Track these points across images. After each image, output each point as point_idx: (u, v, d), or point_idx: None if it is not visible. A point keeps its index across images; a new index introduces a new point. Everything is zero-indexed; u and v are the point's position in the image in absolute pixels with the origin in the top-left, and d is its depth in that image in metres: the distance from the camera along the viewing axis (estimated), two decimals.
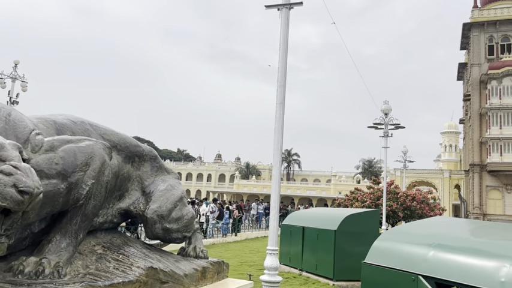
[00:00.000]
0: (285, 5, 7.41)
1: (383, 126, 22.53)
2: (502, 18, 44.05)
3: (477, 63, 45.09)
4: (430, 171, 53.73)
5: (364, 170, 79.69)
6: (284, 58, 7.39)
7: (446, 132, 72.11)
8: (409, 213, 24.98)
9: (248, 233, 21.92)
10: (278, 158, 7.18)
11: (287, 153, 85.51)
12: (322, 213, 12.61)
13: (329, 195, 63.54)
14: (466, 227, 4.86)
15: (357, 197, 26.48)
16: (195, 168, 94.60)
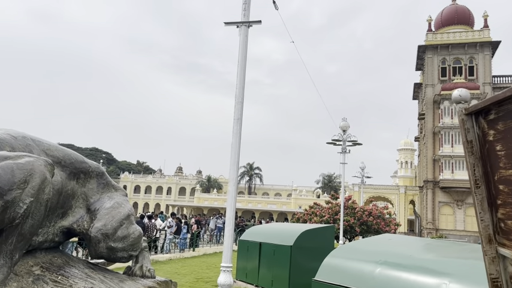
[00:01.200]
0: (244, 23, 7.49)
1: (341, 143, 23.10)
2: (454, 42, 46.46)
3: (431, 84, 47.18)
4: (386, 187, 55.29)
5: (324, 185, 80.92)
6: (242, 75, 7.45)
7: (402, 149, 74.64)
8: (365, 228, 25.52)
9: (206, 248, 21.64)
10: (234, 174, 7.17)
11: (249, 167, 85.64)
12: (279, 228, 12.65)
13: (289, 210, 63.97)
14: (411, 244, 5.01)
15: (315, 212, 26.82)
16: (154, 181, 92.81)
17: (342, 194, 24.10)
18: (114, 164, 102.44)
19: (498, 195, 2.26)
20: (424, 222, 45.30)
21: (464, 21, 47.72)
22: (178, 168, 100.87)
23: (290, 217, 55.22)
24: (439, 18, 48.88)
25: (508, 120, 1.98)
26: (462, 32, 46.87)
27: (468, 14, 48.23)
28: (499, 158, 2.16)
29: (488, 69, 45.00)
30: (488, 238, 2.36)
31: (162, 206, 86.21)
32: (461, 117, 2.42)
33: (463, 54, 46.33)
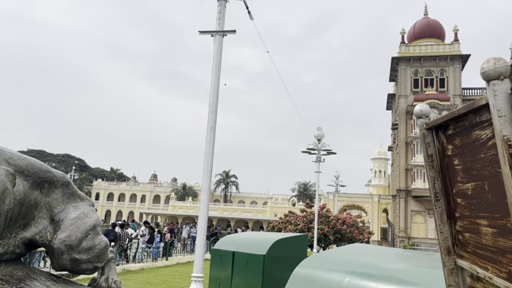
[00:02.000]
0: (219, 32, 7.51)
1: (316, 152, 23.33)
2: (426, 54, 47.77)
3: (404, 95, 48.27)
4: (360, 196, 56.00)
5: (299, 193, 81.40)
6: (216, 83, 7.45)
7: (376, 159, 75.89)
8: (339, 237, 25.78)
9: (180, 257, 21.37)
10: (207, 183, 7.13)
11: (225, 175, 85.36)
12: (253, 237, 12.62)
13: (265, 218, 63.95)
14: (380, 254, 5.08)
15: (290, 220, 26.93)
16: (128, 188, 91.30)
17: (317, 202, 24.29)
18: (87, 171, 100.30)
19: (456, 208, 2.32)
20: (396, 231, 46.04)
21: (435, 34, 49.18)
22: (153, 175, 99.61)
23: (266, 225, 55.20)
24: (411, 31, 50.20)
25: (464, 136, 2.05)
26: (434, 45, 48.26)
27: (439, 28, 49.73)
28: (456, 172, 2.23)
29: (458, 81, 46.41)
30: (447, 250, 2.42)
31: (136, 214, 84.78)
32: (422, 132, 2.48)
33: (434, 67, 47.66)
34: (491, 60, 1.49)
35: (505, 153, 1.46)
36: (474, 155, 1.95)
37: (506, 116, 1.46)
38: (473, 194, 2.05)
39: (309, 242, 24.40)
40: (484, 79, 1.54)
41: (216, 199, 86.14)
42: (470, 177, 2.05)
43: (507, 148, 1.46)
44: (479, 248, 2.06)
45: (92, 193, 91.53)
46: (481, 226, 1.99)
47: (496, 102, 1.48)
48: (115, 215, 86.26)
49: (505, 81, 1.47)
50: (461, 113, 1.94)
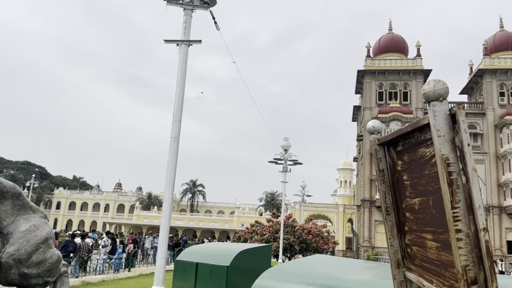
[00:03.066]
0: (184, 41, 7.48)
1: (282, 162, 23.50)
2: (390, 68, 49.26)
3: (369, 107, 49.49)
4: (326, 205, 56.69)
5: (267, 203, 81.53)
6: (181, 93, 7.39)
7: (342, 169, 77.20)
8: (305, 247, 25.91)
9: (143, 268, 20.90)
10: (170, 193, 7.04)
11: (192, 184, 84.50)
12: (217, 248, 12.52)
13: (232, 228, 63.63)
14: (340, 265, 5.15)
15: (256, 230, 26.86)
16: (91, 197, 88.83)
17: (283, 212, 24.40)
18: (48, 179, 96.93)
19: (405, 222, 2.39)
20: (361, 240, 46.81)
21: (399, 49, 50.82)
22: (117, 184, 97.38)
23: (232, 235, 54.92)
24: (376, 46, 51.67)
25: (411, 153, 2.11)
26: (397, 60, 49.84)
27: (403, 43, 51.44)
28: (405, 187, 2.30)
29: (421, 95, 47.99)
30: (397, 263, 2.48)
31: (99, 223, 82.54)
32: (374, 147, 2.55)
33: (398, 80, 49.15)
34: (431, 82, 1.56)
35: (443, 172, 1.52)
36: (420, 171, 2.02)
37: (445, 136, 1.52)
38: (419, 209, 2.12)
39: (275, 252, 24.42)
40: (425, 100, 1.60)
41: (183, 208, 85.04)
42: (417, 193, 2.12)
43: (445, 166, 1.51)
44: (425, 261, 2.13)
45: (53, 202, 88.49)
46: (427, 240, 2.06)
47: (436, 122, 1.54)
48: (77, 224, 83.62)
49: (444, 102, 1.53)
50: (408, 131, 2.01)
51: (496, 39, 48.77)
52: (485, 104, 46.18)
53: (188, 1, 7.46)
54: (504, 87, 46.37)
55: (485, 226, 1.44)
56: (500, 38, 48.58)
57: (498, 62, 46.92)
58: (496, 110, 45.51)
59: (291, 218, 28.68)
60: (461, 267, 1.49)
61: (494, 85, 46.49)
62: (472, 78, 50.54)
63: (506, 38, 48.32)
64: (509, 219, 42.74)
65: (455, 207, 1.51)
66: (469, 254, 1.49)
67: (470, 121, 46.13)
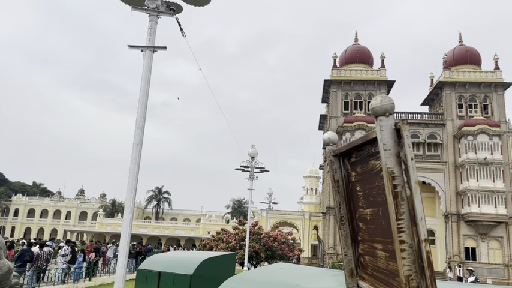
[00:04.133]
0: (149, 48, 7.41)
1: (249, 169, 23.54)
2: (356, 78, 50.44)
3: (335, 116, 50.42)
4: (292, 213, 57.09)
5: (233, 210, 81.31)
6: (144, 99, 7.30)
7: (308, 176, 78.03)
8: (270, 254, 25.97)
9: (104, 277, 20.34)
10: (131, 201, 6.91)
11: (157, 191, 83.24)
12: (180, 256, 12.36)
13: (198, 235, 63.00)
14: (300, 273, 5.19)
15: (222, 238, 26.70)
16: (52, 204, 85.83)
17: (249, 219, 24.40)
18: (6, 185, 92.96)
19: (359, 231, 2.45)
20: (326, 247, 47.36)
21: (364, 60, 52.14)
22: (80, 190, 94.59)
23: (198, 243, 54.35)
24: (343, 56, 52.81)
25: (364, 165, 2.18)
26: (363, 70, 51.10)
27: (368, 54, 52.82)
28: (358, 197, 2.36)
29: None
30: (350, 272, 2.54)
31: (60, 231, 79.86)
32: (330, 158, 2.61)
33: (363, 90, 50.36)
34: (378, 98, 1.62)
35: (389, 184, 1.58)
36: (371, 183, 2.08)
37: (390, 150, 1.58)
38: (371, 219, 2.18)
39: (240, 260, 24.34)
40: (373, 115, 1.66)
41: (148, 216, 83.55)
42: (369, 203, 2.19)
43: (391, 179, 1.57)
44: (376, 270, 2.19)
45: (11, 209, 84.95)
46: (377, 250, 2.12)
47: (382, 136, 1.59)
48: (36, 232, 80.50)
49: (390, 117, 1.60)
50: (360, 143, 2.07)
51: (455, 53, 50.89)
52: (445, 115, 47.98)
53: (154, 7, 7.40)
54: (462, 99, 48.35)
55: (426, 237, 1.50)
56: (459, 52, 50.72)
57: (457, 75, 48.94)
58: (455, 121, 47.37)
59: (257, 226, 28.71)
60: (405, 277, 1.55)
61: (453, 97, 48.42)
62: (432, 90, 52.45)
63: (464, 52, 50.50)
64: (467, 226, 44.38)
65: (400, 219, 1.57)
66: (412, 264, 1.54)
67: (431, 131, 47.76)
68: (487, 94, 47.93)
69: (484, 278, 40.99)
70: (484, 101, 47.96)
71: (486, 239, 43.89)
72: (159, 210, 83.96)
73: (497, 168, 44.10)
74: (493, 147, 44.48)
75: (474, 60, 50.10)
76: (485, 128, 44.61)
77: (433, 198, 47.58)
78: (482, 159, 43.90)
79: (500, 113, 47.11)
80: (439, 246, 45.94)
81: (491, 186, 43.56)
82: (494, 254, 43.62)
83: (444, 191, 45.73)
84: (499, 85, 47.60)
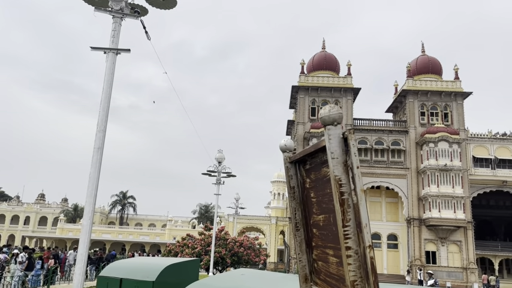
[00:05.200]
0: (112, 50, 7.28)
1: (216, 174, 23.42)
2: (323, 85, 51.24)
3: (302, 122, 51.00)
4: (259, 218, 57.17)
5: (200, 215, 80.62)
6: (106, 102, 7.16)
7: (275, 181, 78.39)
8: (236, 259, 25.90)
9: (64, 285, 19.68)
10: (91, 207, 6.74)
11: (122, 196, 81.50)
12: (143, 262, 12.12)
13: (164, 241, 62.02)
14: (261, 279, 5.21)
15: (187, 244, 26.44)
16: (10, 209, 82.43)
17: (215, 225, 24.25)
18: None
19: (313, 238, 2.49)
20: (292, 252, 47.66)
21: (331, 67, 53.08)
22: (40, 195, 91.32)
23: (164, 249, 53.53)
24: (310, 63, 53.58)
25: (317, 172, 2.21)
26: (330, 77, 51.98)
27: (335, 62, 53.82)
28: (313, 204, 2.39)
29: (350, 112, 50.38)
30: (304, 277, 2.57)
31: (18, 237, 76.78)
32: (286, 165, 2.64)
33: (329, 97, 51.18)
34: (327, 108, 1.65)
35: (336, 192, 1.62)
36: (323, 190, 2.12)
37: (338, 158, 1.62)
38: (323, 225, 2.22)
39: (206, 266, 24.15)
40: (322, 124, 1.69)
41: (111, 221, 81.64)
42: (322, 210, 2.22)
43: (338, 187, 1.61)
44: (328, 276, 2.22)
45: None
46: (329, 256, 2.15)
47: (330, 145, 1.63)
48: None
49: (338, 126, 1.64)
50: (312, 151, 2.11)
51: (418, 62, 52.63)
52: (408, 123, 49.44)
53: (118, 9, 7.28)
54: (424, 108, 50.00)
55: (370, 244, 1.54)
56: (421, 62, 52.50)
57: (420, 84, 50.58)
58: (418, 129, 48.88)
59: (224, 231, 28.60)
60: (350, 282, 1.58)
61: (416, 105, 49.99)
62: (396, 97, 53.97)
63: (427, 62, 52.32)
64: (428, 230, 45.77)
65: (346, 226, 1.60)
66: (357, 270, 1.58)
67: (395, 138, 49.07)
68: (448, 103, 49.77)
69: (444, 281, 42.39)
70: (445, 110, 49.76)
71: (446, 243, 45.39)
72: (124, 215, 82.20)
73: (456, 174, 45.77)
74: (453, 154, 46.16)
75: (436, 70, 51.98)
76: (445, 136, 46.25)
77: (396, 204, 48.83)
78: (442, 165, 45.46)
79: (460, 121, 48.99)
80: (401, 250, 47.13)
81: (450, 192, 45.15)
82: (453, 258, 45.14)
83: (407, 197, 47.03)
84: (459, 94, 49.52)
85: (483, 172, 47.82)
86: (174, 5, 7.84)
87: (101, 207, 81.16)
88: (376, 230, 47.74)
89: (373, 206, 49.02)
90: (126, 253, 56.27)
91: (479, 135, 49.33)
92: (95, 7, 7.27)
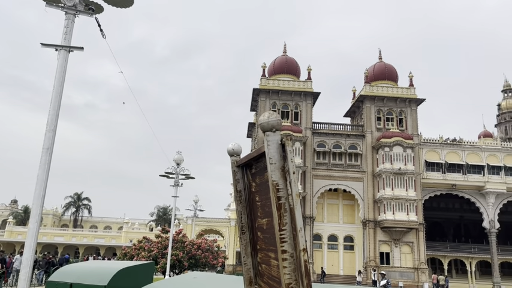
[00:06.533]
0: (64, 47, 7.05)
1: (174, 176, 23.13)
2: (283, 89, 51.81)
3: None
4: (218, 220, 56.97)
5: (158, 218, 79.35)
6: (57, 101, 6.91)
7: None
8: (194, 262, 25.66)
9: None
10: (38, 210, 6.48)
11: (76, 197, 78.86)
12: (95, 266, 11.76)
13: (120, 244, 60.49)
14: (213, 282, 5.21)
15: (144, 247, 25.94)
16: None
17: (172, 227, 23.95)
18: None
19: (257, 241, 2.52)
20: None
21: (292, 71, 53.77)
22: None
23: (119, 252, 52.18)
24: (271, 66, 54.06)
25: (261, 176, 2.25)
26: (290, 81, 52.64)
27: (296, 66, 54.57)
28: (257, 207, 2.43)
29: (310, 115, 51.23)
30: (249, 280, 2.60)
31: None
32: (233, 169, 2.66)
33: (289, 101, 51.84)
34: (266, 114, 1.69)
35: (273, 196, 1.65)
36: (266, 194, 2.16)
37: (276, 164, 1.66)
38: (266, 229, 2.25)
39: (163, 269, 23.77)
40: (261, 130, 1.73)
41: (65, 224, 78.82)
42: (265, 214, 2.26)
43: (275, 191, 1.65)
44: (270, 278, 2.26)
45: None
46: (271, 258, 2.19)
47: (269, 151, 1.67)
48: None
49: (276, 133, 1.67)
50: (255, 156, 2.14)
51: (375, 69, 54.33)
52: (365, 127, 50.88)
53: (71, 5, 7.07)
54: (381, 113, 51.64)
55: (304, 247, 1.59)
56: (378, 68, 54.23)
57: (376, 90, 52.20)
58: (374, 133, 50.40)
59: (181, 234, 28.26)
60: (285, 285, 1.62)
61: (373, 110, 51.55)
62: (354, 102, 55.43)
63: (383, 68, 54.09)
64: (382, 232, 47.22)
65: (282, 230, 1.64)
66: (292, 273, 1.62)
67: (352, 142, 50.35)
68: (403, 109, 51.65)
69: (396, 281, 43.85)
70: (400, 115, 51.59)
71: (399, 244, 47.01)
72: (78, 217, 79.55)
73: (409, 178, 47.53)
74: (407, 158, 47.92)
75: (392, 76, 53.84)
76: (400, 140, 47.95)
77: (353, 206, 50.06)
78: (397, 169, 47.09)
79: (414, 127, 50.95)
80: (357, 251, 48.34)
81: (404, 195, 46.83)
82: (405, 258, 46.81)
83: (363, 199, 48.32)
84: (413, 101, 51.51)
85: (434, 176, 49.93)
86: (131, 3, 7.70)
87: (54, 209, 78.15)
88: (333, 232, 48.75)
89: (330, 209, 50.06)
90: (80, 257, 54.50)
91: (431, 141, 51.50)
92: (46, 2, 7.02)
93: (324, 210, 49.72)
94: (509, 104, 78.37)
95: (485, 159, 50.75)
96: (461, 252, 51.65)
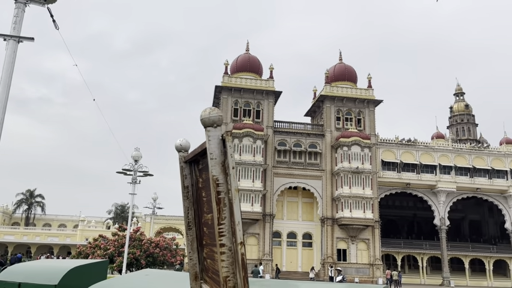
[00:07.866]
0: (13, 37, 6.77)
1: (132, 173, 22.69)
2: (246, 87, 51.91)
3: (224, 122, 51.14)
4: (178, 218, 56.38)
5: (116, 215, 77.51)
6: (5, 95, 6.64)
7: None
8: (151, 260, 25.35)
9: None
10: None
11: (29, 194, 75.73)
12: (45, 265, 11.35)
13: (75, 242, 58.67)
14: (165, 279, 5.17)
15: (99, 245, 25.35)
16: None
17: (129, 225, 23.49)
18: None
19: (203, 236, 2.54)
20: None
21: (254, 70, 53.95)
22: None
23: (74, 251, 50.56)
24: (234, 64, 54.02)
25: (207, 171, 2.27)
26: (252, 79, 52.80)
27: (258, 64, 54.79)
28: (204, 203, 2.45)
29: (271, 114, 51.63)
30: (194, 275, 2.61)
31: None
32: (181, 165, 2.66)
33: (251, 99, 52.02)
34: (208, 110, 1.71)
35: (213, 191, 1.68)
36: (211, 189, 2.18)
37: (216, 159, 1.68)
38: (211, 224, 2.28)
39: (119, 268, 23.30)
40: (202, 125, 1.75)
41: (16, 222, 75.54)
42: (210, 209, 2.28)
43: (215, 187, 1.67)
44: (214, 273, 2.29)
45: None
46: (215, 253, 2.22)
47: (210, 146, 1.69)
48: None
49: (217, 128, 1.70)
50: (199, 152, 2.16)
51: (335, 69, 55.44)
52: (325, 127, 51.86)
53: None
54: (340, 113, 52.79)
55: (242, 241, 1.62)
56: (338, 69, 55.38)
57: (336, 90, 53.31)
58: (333, 133, 51.47)
59: (139, 232, 27.83)
60: (223, 278, 1.65)
61: (332, 110, 52.62)
62: (315, 102, 56.36)
63: (343, 69, 55.30)
64: (340, 229, 48.35)
65: (221, 224, 1.67)
66: (229, 266, 1.65)
67: (312, 141, 51.18)
68: (361, 109, 53.03)
69: (353, 277, 45.03)
70: (358, 116, 52.95)
71: (355, 241, 48.30)
72: (30, 215, 76.44)
73: (366, 176, 48.92)
74: (364, 158, 49.28)
75: (351, 77, 55.13)
76: (358, 140, 49.23)
77: (312, 204, 50.93)
78: (354, 168, 48.33)
79: (371, 127, 52.45)
80: (315, 248, 49.25)
81: (361, 193, 48.15)
82: (361, 255, 48.18)
83: (321, 197, 49.27)
84: (371, 102, 53.00)
85: (390, 175, 51.65)
86: None
87: (4, 206, 74.75)
88: (292, 229, 49.41)
89: (290, 206, 50.71)
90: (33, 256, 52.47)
91: (388, 141, 53.23)
92: None
93: (284, 208, 50.29)
94: (461, 107, 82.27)
95: (437, 159, 53.02)
96: (414, 248, 53.75)
